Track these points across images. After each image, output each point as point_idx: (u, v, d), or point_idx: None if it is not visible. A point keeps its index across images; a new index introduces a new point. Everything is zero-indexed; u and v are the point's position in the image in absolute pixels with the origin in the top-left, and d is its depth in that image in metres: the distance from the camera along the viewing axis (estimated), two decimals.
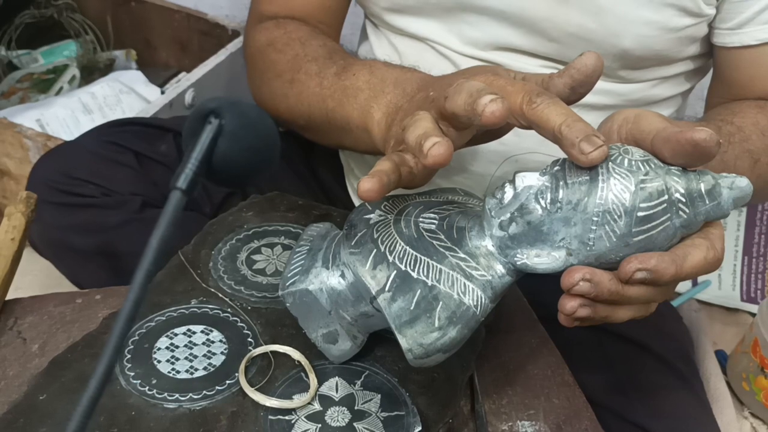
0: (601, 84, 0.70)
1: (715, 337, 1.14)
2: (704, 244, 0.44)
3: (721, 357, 1.10)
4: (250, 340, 0.54)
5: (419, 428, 0.48)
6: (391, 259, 0.44)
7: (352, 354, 0.52)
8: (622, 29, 0.66)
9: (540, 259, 0.44)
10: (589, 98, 0.72)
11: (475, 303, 0.44)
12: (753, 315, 1.15)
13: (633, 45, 0.67)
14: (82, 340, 0.55)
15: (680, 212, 0.43)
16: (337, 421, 0.48)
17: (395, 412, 0.49)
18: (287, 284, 0.49)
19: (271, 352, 0.52)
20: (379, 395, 0.50)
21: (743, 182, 0.44)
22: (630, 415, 0.68)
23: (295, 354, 0.52)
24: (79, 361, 0.53)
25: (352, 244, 0.46)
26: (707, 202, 0.43)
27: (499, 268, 0.45)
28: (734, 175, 0.44)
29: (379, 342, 0.54)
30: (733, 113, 0.66)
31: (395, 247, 0.45)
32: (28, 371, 0.55)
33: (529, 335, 0.61)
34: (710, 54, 0.73)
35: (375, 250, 0.45)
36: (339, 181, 0.89)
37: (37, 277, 1.04)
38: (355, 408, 0.49)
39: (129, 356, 0.52)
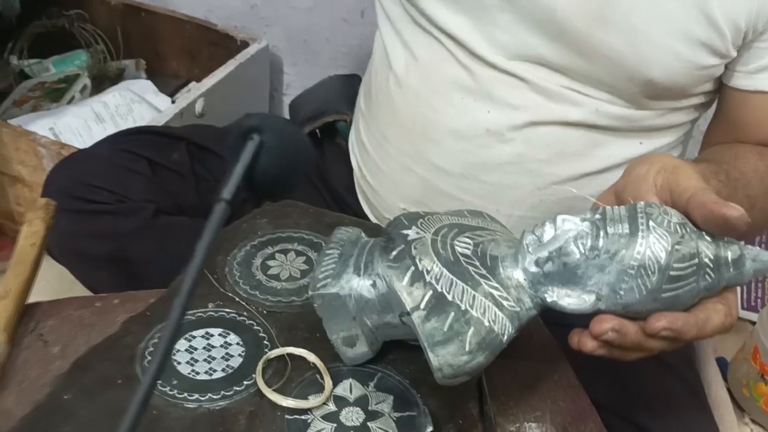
0: (619, 110, 0.72)
1: (715, 344, 1.16)
2: (723, 311, 0.47)
3: (722, 364, 1.11)
4: (266, 342, 0.56)
5: (431, 428, 0.50)
6: (428, 278, 0.46)
7: (366, 358, 0.53)
8: (654, 59, 0.67)
9: (570, 299, 0.46)
10: (606, 121, 0.74)
11: (502, 332, 0.46)
12: (753, 323, 1.17)
13: (660, 75, 0.68)
14: (103, 343, 0.56)
15: (707, 276, 0.46)
16: (352, 420, 0.50)
17: (407, 413, 0.51)
18: (318, 286, 0.51)
19: (287, 354, 0.54)
20: (392, 396, 0.52)
21: (766, 256, 0.47)
22: (634, 417, 0.70)
23: (311, 356, 0.54)
24: (100, 363, 0.54)
25: (391, 258, 0.48)
26: (731, 270, 0.46)
27: (528, 301, 0.47)
28: (758, 248, 0.47)
29: (391, 346, 0.55)
30: (735, 157, 0.68)
31: (433, 268, 0.46)
32: (50, 373, 0.56)
33: (535, 339, 0.62)
34: (718, 90, 0.75)
35: (413, 268, 0.47)
36: (349, 187, 0.90)
37: (49, 282, 1.06)
38: (369, 408, 0.51)
39: (149, 357, 0.54)
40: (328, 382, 0.52)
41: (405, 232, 0.49)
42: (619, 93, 0.71)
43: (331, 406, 0.51)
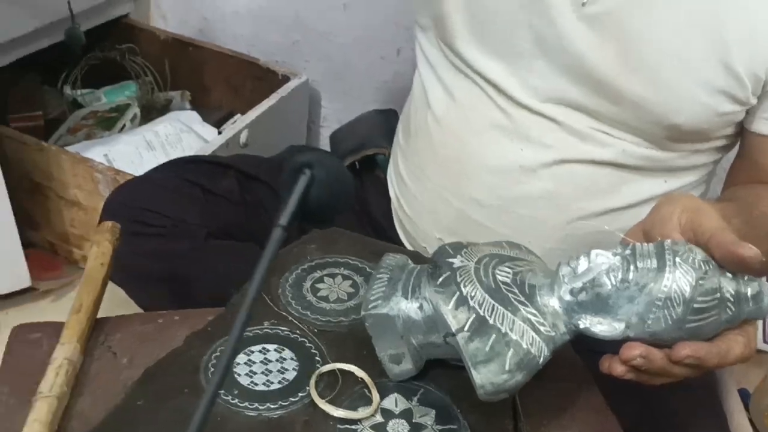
0: (645, 151, 0.77)
1: (738, 376, 1.18)
2: (743, 342, 0.52)
3: (744, 395, 1.14)
4: (317, 358, 0.61)
5: None
6: (471, 303, 0.51)
7: (410, 375, 0.58)
8: (679, 106, 0.72)
9: (601, 326, 0.51)
10: (632, 161, 0.79)
11: (539, 354, 0.51)
12: None
13: (684, 121, 0.73)
14: (169, 356, 0.62)
15: (728, 309, 0.50)
16: (398, 431, 0.55)
17: (449, 426, 0.56)
18: (369, 306, 0.56)
19: (338, 369, 0.59)
20: (434, 410, 0.57)
21: None
22: None
23: (359, 372, 0.59)
24: (168, 374, 0.60)
25: (438, 283, 0.53)
26: (751, 304, 0.51)
27: (562, 327, 0.52)
28: None
29: (433, 364, 0.60)
30: (758, 197, 0.72)
31: (476, 294, 0.51)
32: (120, 382, 0.62)
33: (567, 364, 0.66)
34: (740, 133, 0.79)
35: (458, 293, 0.52)
36: (387, 216, 0.96)
37: None
38: (413, 421, 0.56)
39: (212, 369, 0.59)
40: (375, 395, 0.57)
41: (450, 260, 0.54)
42: (644, 135, 0.76)
43: (379, 418, 0.56)
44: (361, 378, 0.59)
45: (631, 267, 0.50)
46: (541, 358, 0.51)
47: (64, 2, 1.33)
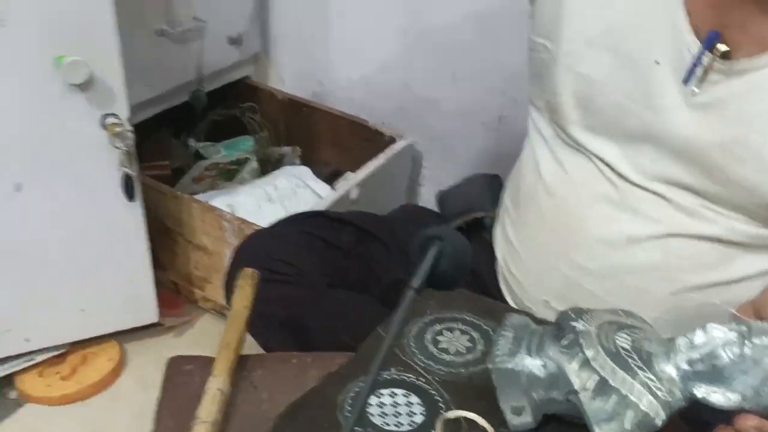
0: (752, 229, 0.81)
1: None
2: None
3: None
4: (441, 405, 0.67)
5: None
6: (593, 365, 0.56)
7: (529, 428, 0.63)
8: None
9: (716, 396, 0.56)
10: (739, 238, 0.83)
11: (656, 416, 0.55)
12: None
13: None
14: (309, 393, 0.69)
15: None
16: None
17: None
18: (496, 360, 0.62)
19: (462, 417, 0.65)
20: None
21: None
22: None
23: (481, 420, 0.64)
24: (309, 410, 0.67)
25: (562, 345, 0.59)
26: None
27: (678, 394, 0.57)
28: None
29: (550, 419, 0.65)
30: None
31: (598, 357, 0.57)
32: (261, 414, 0.69)
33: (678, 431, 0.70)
34: None
35: (581, 355, 0.57)
36: (492, 277, 1.01)
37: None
38: None
39: (348, 408, 0.66)
40: None
41: (573, 323, 0.60)
42: (752, 215, 0.79)
43: None
44: (484, 427, 0.64)
45: (747, 342, 0.55)
46: (659, 421, 0.55)
47: (194, 66, 1.48)
